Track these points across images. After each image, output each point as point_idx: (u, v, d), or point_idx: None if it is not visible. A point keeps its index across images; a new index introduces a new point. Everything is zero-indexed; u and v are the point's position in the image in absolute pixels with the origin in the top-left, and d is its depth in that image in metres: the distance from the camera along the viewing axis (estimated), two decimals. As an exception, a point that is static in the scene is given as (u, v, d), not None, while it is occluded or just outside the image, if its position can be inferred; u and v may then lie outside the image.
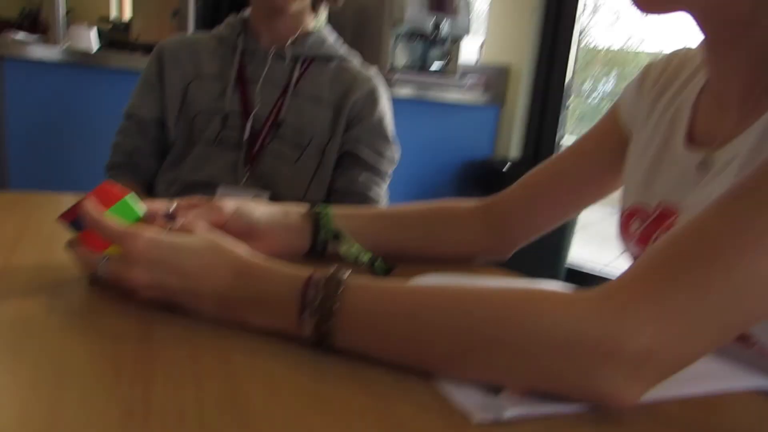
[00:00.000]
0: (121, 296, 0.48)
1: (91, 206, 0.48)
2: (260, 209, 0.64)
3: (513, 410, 0.38)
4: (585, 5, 2.74)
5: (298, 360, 0.43)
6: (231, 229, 0.58)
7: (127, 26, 2.95)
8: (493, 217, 0.72)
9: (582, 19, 2.74)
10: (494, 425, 0.37)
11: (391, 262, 0.65)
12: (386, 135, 1.10)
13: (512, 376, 0.40)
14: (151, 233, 0.46)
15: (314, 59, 1.09)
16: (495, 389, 0.40)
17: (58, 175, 1.79)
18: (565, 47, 2.74)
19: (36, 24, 3.79)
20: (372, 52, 1.09)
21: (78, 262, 0.51)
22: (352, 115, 1.07)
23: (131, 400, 0.35)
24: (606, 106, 0.76)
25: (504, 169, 2.55)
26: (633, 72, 0.75)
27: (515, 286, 0.43)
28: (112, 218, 0.48)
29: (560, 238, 2.55)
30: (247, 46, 1.07)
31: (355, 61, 1.13)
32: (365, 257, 0.64)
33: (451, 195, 2.78)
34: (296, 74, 1.06)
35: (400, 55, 2.44)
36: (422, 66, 2.53)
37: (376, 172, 1.09)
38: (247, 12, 1.11)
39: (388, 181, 1.12)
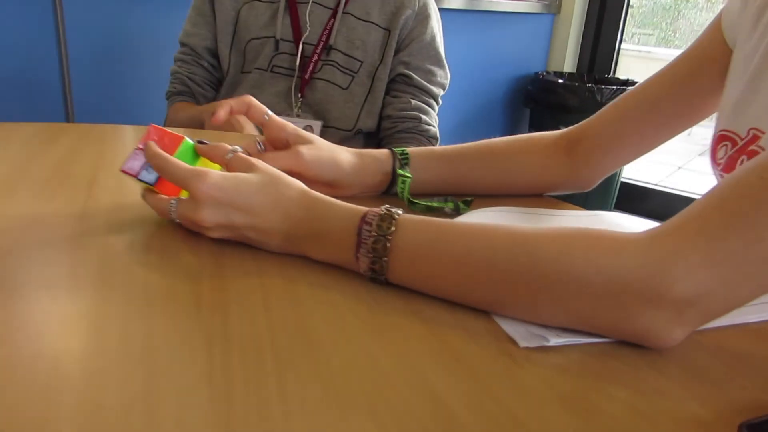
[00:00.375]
0: (194, 234, 0.52)
1: (155, 153, 0.51)
2: (342, 160, 0.63)
3: (557, 339, 0.40)
4: None
5: (357, 290, 0.46)
6: (311, 176, 0.60)
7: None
8: (579, 149, 0.70)
9: None
10: (539, 350, 0.40)
11: (471, 197, 0.66)
12: (438, 57, 1.09)
13: (557, 316, 0.42)
14: (216, 174, 0.49)
15: None
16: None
17: (118, 102, 1.85)
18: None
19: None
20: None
21: (156, 211, 0.54)
22: (403, 36, 1.06)
23: (212, 328, 0.40)
24: (671, 3, 0.70)
25: (560, 81, 2.47)
26: None
27: (570, 223, 0.44)
28: (176, 162, 0.51)
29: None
30: None
31: None
32: (449, 206, 0.64)
33: (502, 111, 2.74)
34: None
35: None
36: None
37: (429, 96, 1.08)
38: None
39: (439, 104, 1.11)
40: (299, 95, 1.05)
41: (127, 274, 0.47)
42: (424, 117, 1.07)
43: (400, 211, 0.47)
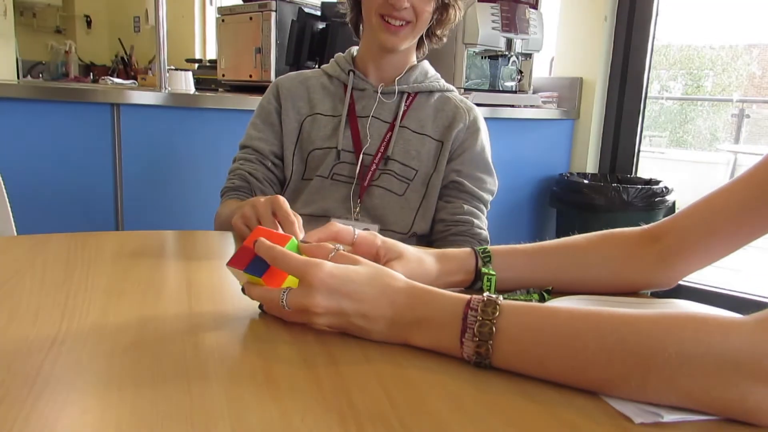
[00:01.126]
0: (297, 326, 0.56)
1: (269, 246, 0.56)
2: (429, 267, 0.67)
3: (671, 415, 0.42)
4: (658, 11, 2.71)
5: (462, 372, 0.49)
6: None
7: (211, 66, 3.15)
8: (666, 248, 0.69)
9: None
10: (655, 426, 0.41)
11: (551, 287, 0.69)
12: (487, 166, 1.16)
13: (668, 396, 0.43)
14: (330, 264, 0.53)
15: (418, 93, 1.16)
16: (647, 396, 0.44)
17: (166, 211, 1.93)
18: (641, 54, 2.72)
19: (126, 69, 4.09)
20: (446, 73, 1.16)
21: (264, 302, 0.58)
22: (455, 146, 1.13)
23: (341, 409, 0.42)
24: (678, 109, 0.72)
25: (585, 182, 2.55)
26: (702, 71, 0.70)
27: (650, 309, 0.46)
28: (291, 253, 0.55)
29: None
30: (356, 84, 1.15)
31: (455, 92, 1.19)
32: (534, 297, 0.67)
33: (529, 212, 2.80)
34: (402, 109, 1.13)
35: (473, 75, 2.49)
36: (494, 84, 2.58)
37: (479, 202, 1.14)
38: (354, 50, 1.19)
39: (488, 209, 1.17)
40: (358, 201, 1.11)
41: (245, 363, 0.50)
42: (476, 221, 1.12)
43: (501, 298, 0.50)
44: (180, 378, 0.45)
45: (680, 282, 0.73)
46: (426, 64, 1.20)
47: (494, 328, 0.48)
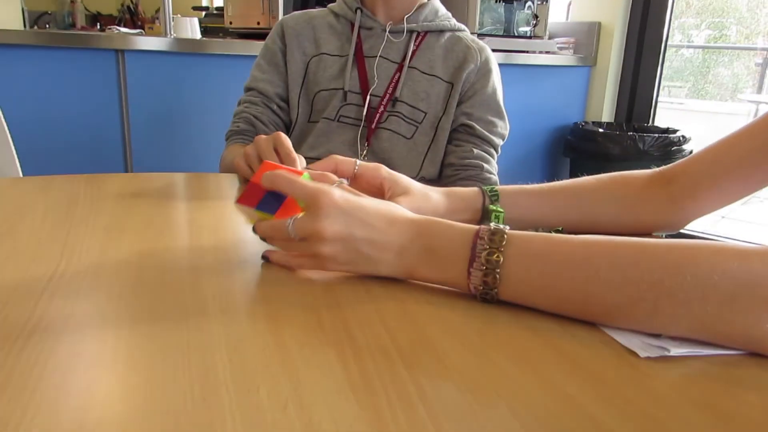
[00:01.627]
0: (302, 272, 0.55)
1: (281, 174, 0.54)
2: (437, 204, 0.66)
3: (678, 349, 0.41)
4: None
5: (466, 308, 0.48)
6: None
7: (218, 14, 3.08)
8: (677, 189, 0.68)
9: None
10: (661, 360, 0.40)
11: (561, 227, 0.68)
12: (499, 109, 1.12)
13: (679, 323, 0.42)
14: (340, 191, 0.52)
15: (427, 32, 1.12)
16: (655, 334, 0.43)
17: (175, 156, 1.93)
18: (661, 0, 2.62)
19: (133, 18, 4.02)
20: (459, 17, 1.11)
21: (270, 234, 0.55)
22: (466, 88, 1.10)
23: (340, 344, 0.41)
24: (701, 60, 0.70)
25: (600, 131, 2.49)
26: (728, 21, 0.68)
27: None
28: (303, 180, 0.53)
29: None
30: (364, 23, 1.11)
31: (466, 32, 1.15)
32: None
33: (542, 160, 2.77)
34: (411, 49, 1.09)
35: (487, 19, 2.42)
36: (509, 29, 2.50)
37: (489, 146, 1.11)
38: None
39: (498, 153, 1.14)
40: (365, 143, 1.09)
41: (244, 301, 0.49)
42: (485, 165, 1.09)
43: (508, 227, 0.48)
44: (178, 313, 0.45)
45: (694, 232, 0.71)
46: (437, 2, 1.15)
47: (502, 257, 0.46)
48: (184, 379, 0.36)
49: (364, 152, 1.08)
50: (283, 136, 0.77)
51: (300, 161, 0.76)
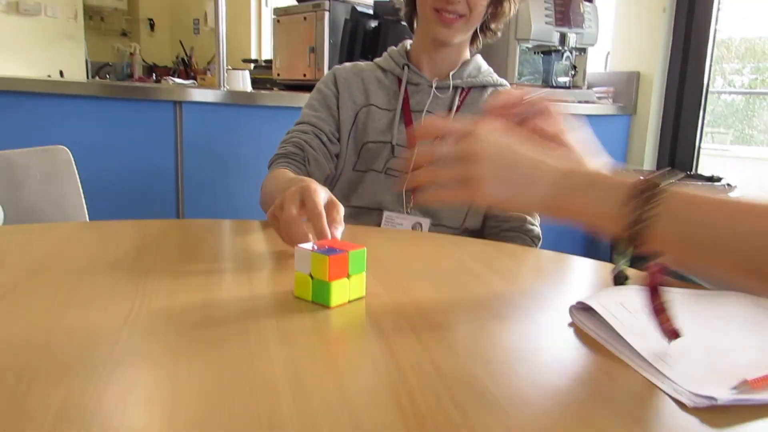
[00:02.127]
0: (357, 317, 0.58)
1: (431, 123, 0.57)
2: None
3: (727, 397, 0.42)
4: (720, 2, 2.62)
5: (518, 356, 0.50)
6: None
7: (266, 66, 3.22)
8: None
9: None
10: (709, 410, 0.42)
11: None
12: None
13: None
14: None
15: (471, 88, 1.16)
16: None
17: (223, 202, 2.00)
18: (701, 47, 2.64)
19: (187, 69, 4.23)
20: (498, 69, 1.15)
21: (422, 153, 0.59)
22: None
23: (393, 383, 0.44)
24: (744, 105, 0.69)
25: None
26: None
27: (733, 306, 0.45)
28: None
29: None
30: (411, 78, 1.16)
31: (508, 86, 1.19)
32: None
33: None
34: (456, 104, 1.14)
35: (526, 69, 2.47)
36: (547, 79, 2.55)
37: None
38: (408, 43, 1.21)
39: None
40: (411, 196, 1.13)
41: (303, 341, 0.52)
42: (528, 217, 1.12)
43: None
44: (243, 352, 0.48)
45: None
46: (479, 58, 1.20)
47: (664, 194, 0.45)
48: (252, 416, 0.39)
49: (410, 204, 1.12)
50: (312, 188, 0.71)
51: (338, 210, 0.74)
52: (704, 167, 2.82)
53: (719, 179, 2.50)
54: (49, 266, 0.69)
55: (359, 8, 2.54)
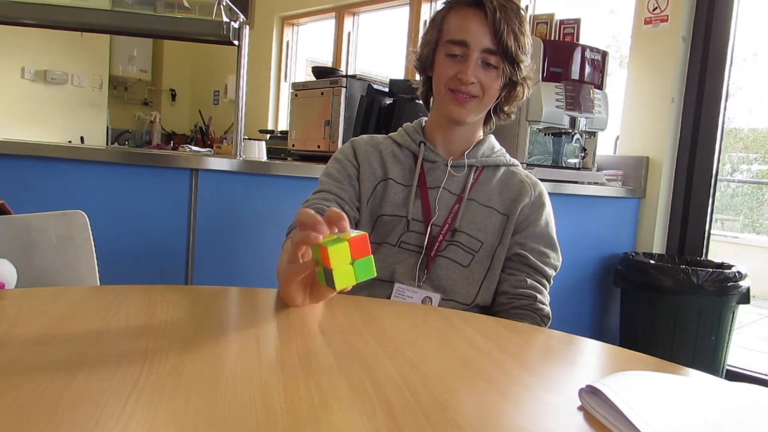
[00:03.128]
0: (359, 385, 0.57)
1: None
2: None
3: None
4: (728, 91, 2.70)
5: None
6: None
7: (282, 137, 3.32)
8: None
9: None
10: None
11: None
12: (551, 241, 1.16)
13: None
14: None
15: (485, 167, 1.19)
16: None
17: (233, 270, 2.01)
18: (710, 135, 2.69)
19: (204, 138, 4.35)
20: (509, 148, 1.19)
21: None
22: (520, 220, 1.15)
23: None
24: (753, 193, 0.71)
25: (652, 262, 2.48)
26: None
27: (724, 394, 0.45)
28: None
29: (718, 337, 2.40)
30: (427, 156, 1.19)
31: (519, 167, 1.22)
32: None
33: (592, 289, 2.75)
34: (470, 182, 1.16)
35: (536, 150, 2.52)
36: (557, 160, 2.60)
37: (542, 277, 1.14)
38: (423, 120, 1.24)
39: (551, 284, 1.16)
40: (425, 270, 1.13)
41: (309, 414, 0.52)
42: (539, 296, 1.12)
43: None
44: (249, 423, 0.48)
45: (728, 367, 0.69)
46: (492, 139, 1.24)
47: None
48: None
49: (423, 278, 1.12)
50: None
51: (343, 217, 0.73)
52: (714, 254, 2.82)
53: (730, 266, 2.49)
54: (59, 331, 0.69)
55: (375, 86, 2.63)
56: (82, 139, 4.69)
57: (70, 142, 4.33)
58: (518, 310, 1.11)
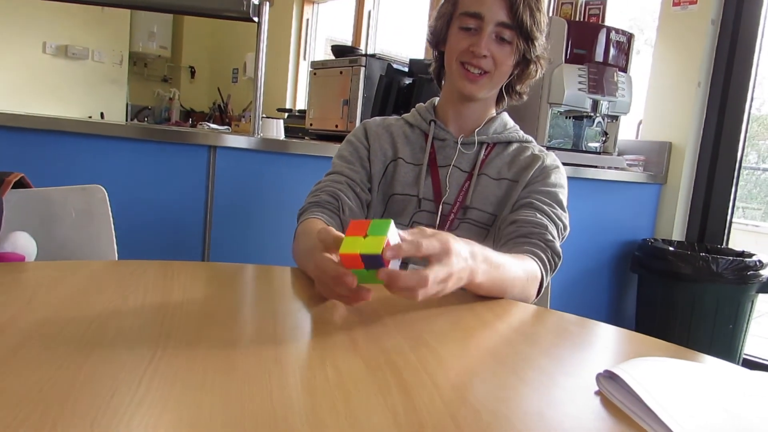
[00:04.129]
0: (369, 354, 0.57)
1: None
2: None
3: None
4: (756, 77, 2.64)
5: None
6: None
7: (300, 116, 3.31)
8: None
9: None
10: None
11: None
12: (560, 201, 1.10)
13: None
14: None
15: (496, 143, 1.17)
16: None
17: (249, 247, 2.02)
18: (736, 122, 2.63)
19: (222, 115, 4.36)
20: (529, 131, 1.17)
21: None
22: (529, 181, 1.11)
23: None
24: None
25: (671, 249, 2.45)
26: None
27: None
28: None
29: (736, 326, 2.37)
30: (437, 134, 1.18)
31: (534, 143, 1.20)
32: None
33: (609, 275, 2.72)
34: (481, 158, 1.15)
35: (557, 132, 2.49)
36: (578, 144, 2.56)
37: (552, 222, 1.06)
38: (435, 100, 1.23)
39: (562, 238, 1.09)
40: None
41: (323, 386, 0.52)
42: (551, 229, 1.04)
43: None
44: (264, 400, 0.48)
45: (745, 356, 0.68)
46: (505, 115, 1.22)
47: None
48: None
49: None
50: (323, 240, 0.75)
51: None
52: (735, 242, 2.77)
53: (750, 255, 2.45)
54: (78, 305, 0.70)
55: (395, 65, 2.61)
56: (102, 114, 4.72)
57: (90, 117, 4.36)
58: (524, 238, 1.03)
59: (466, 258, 0.76)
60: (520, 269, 0.92)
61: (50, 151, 1.74)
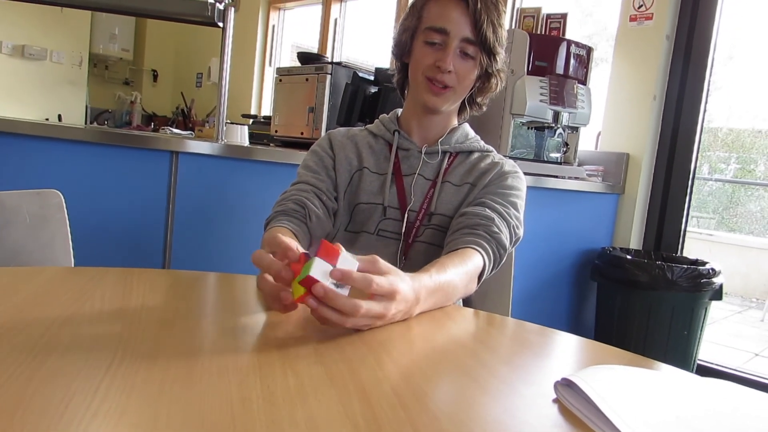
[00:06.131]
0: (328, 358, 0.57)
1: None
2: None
3: None
4: (708, 91, 2.73)
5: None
6: None
7: (265, 122, 3.28)
8: None
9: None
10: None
11: None
12: (513, 201, 1.11)
13: None
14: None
15: (459, 153, 1.19)
16: None
17: (210, 255, 1.99)
18: (689, 134, 2.72)
19: (185, 120, 4.30)
20: (492, 141, 1.19)
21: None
22: (486, 184, 1.13)
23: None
24: (730, 193, 0.71)
25: (628, 258, 2.51)
26: (753, 155, 0.69)
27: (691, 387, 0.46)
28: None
29: (690, 333, 2.44)
30: (401, 144, 1.19)
31: (494, 152, 1.22)
32: None
33: (569, 283, 2.77)
34: (444, 167, 1.17)
35: (519, 143, 2.53)
36: (539, 154, 2.61)
37: (503, 219, 1.07)
38: (399, 111, 1.24)
39: (514, 238, 1.10)
40: (403, 258, 1.13)
41: (283, 393, 0.51)
42: (496, 220, 1.05)
43: None
44: (224, 410, 0.47)
45: (699, 362, 0.71)
46: (467, 126, 1.24)
47: None
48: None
49: (403, 265, 1.12)
50: (279, 239, 0.77)
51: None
52: (689, 250, 2.86)
53: (704, 263, 2.53)
54: (32, 312, 0.68)
55: (360, 74, 2.61)
56: (59, 117, 4.60)
57: (47, 119, 4.25)
58: (468, 229, 1.04)
59: (409, 304, 0.76)
60: (463, 274, 0.94)
61: (4, 153, 1.69)
